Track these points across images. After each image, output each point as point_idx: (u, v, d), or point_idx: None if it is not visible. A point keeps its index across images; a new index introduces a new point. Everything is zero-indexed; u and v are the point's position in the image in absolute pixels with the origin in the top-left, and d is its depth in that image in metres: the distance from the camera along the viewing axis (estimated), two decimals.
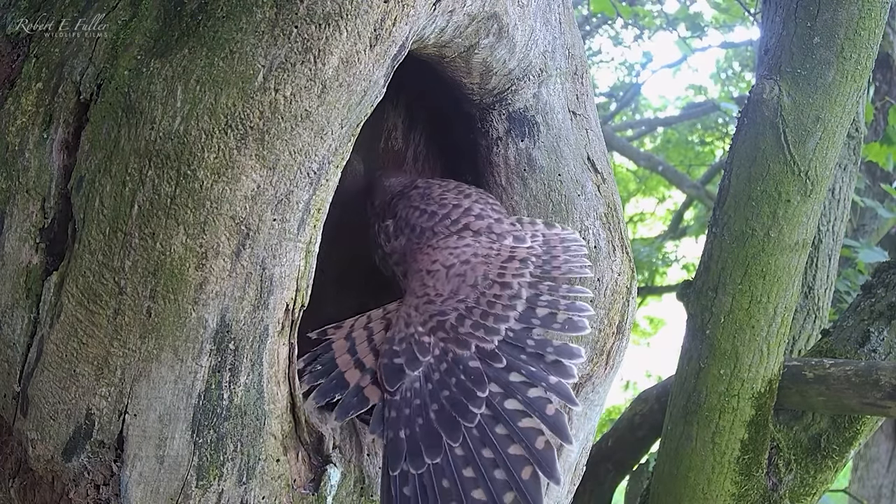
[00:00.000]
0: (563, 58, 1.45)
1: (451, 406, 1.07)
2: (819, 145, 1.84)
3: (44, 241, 1.05)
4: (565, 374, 1.10)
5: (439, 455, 1.04)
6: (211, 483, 1.08)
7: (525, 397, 1.08)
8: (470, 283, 1.20)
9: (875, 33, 1.81)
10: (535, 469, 1.02)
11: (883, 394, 1.89)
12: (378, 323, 1.23)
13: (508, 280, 1.20)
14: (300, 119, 1.02)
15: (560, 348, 1.12)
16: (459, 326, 1.14)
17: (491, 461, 1.04)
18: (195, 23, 1.02)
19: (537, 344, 1.13)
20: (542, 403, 1.07)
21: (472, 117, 1.47)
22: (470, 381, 1.09)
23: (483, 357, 1.11)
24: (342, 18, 1.01)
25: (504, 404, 1.07)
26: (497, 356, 1.11)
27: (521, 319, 1.15)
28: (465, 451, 1.04)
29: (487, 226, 1.30)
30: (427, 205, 1.36)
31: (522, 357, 1.11)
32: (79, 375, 1.04)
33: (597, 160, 1.47)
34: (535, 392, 1.08)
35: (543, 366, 1.11)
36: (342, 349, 1.19)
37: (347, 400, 1.12)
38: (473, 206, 1.34)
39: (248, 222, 1.03)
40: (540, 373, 1.10)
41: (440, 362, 1.11)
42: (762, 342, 1.93)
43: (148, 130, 1.00)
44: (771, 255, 1.89)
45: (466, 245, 1.26)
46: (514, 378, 1.09)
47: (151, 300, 1.01)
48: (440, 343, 1.13)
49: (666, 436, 2.11)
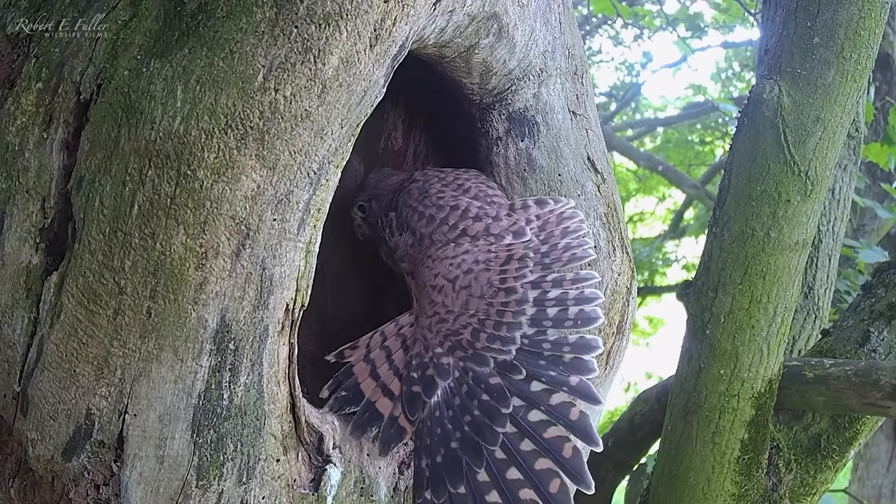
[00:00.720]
0: (563, 58, 1.45)
1: (475, 431, 1.07)
2: (819, 145, 1.84)
3: (44, 241, 1.05)
4: (586, 371, 1.10)
5: (462, 482, 1.05)
6: (211, 483, 1.08)
7: (548, 406, 1.07)
8: (477, 295, 1.19)
9: (875, 33, 1.81)
10: (562, 481, 1.02)
11: (883, 394, 1.89)
12: (394, 340, 1.23)
13: (511, 284, 1.19)
14: (300, 119, 1.02)
15: (576, 344, 1.12)
16: (476, 342, 1.14)
17: (516, 482, 1.03)
18: (195, 23, 1.02)
19: (553, 345, 1.12)
20: (566, 409, 1.06)
21: (472, 117, 1.47)
22: (493, 400, 1.08)
23: (503, 371, 1.10)
24: (342, 18, 1.01)
25: (528, 417, 1.07)
26: (516, 367, 1.10)
27: (534, 323, 1.14)
28: (490, 475, 1.04)
29: (485, 227, 1.29)
30: (425, 207, 1.35)
31: (541, 363, 1.11)
32: (79, 375, 1.03)
33: (597, 160, 1.47)
34: (557, 398, 1.07)
35: (563, 367, 1.10)
36: (364, 373, 1.20)
37: (386, 433, 1.14)
38: (471, 205, 1.33)
39: (248, 222, 1.03)
40: (560, 376, 1.09)
41: (461, 384, 1.11)
42: (762, 342, 1.93)
43: (148, 130, 1.00)
44: (771, 255, 1.89)
45: (465, 252, 1.26)
46: (536, 387, 1.09)
47: (151, 300, 1.01)
48: (460, 363, 1.13)
49: (666, 436, 2.11)
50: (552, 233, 1.28)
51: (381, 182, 1.52)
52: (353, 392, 1.19)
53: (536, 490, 1.02)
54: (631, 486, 3.31)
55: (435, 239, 1.31)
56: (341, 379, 1.21)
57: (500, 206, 1.36)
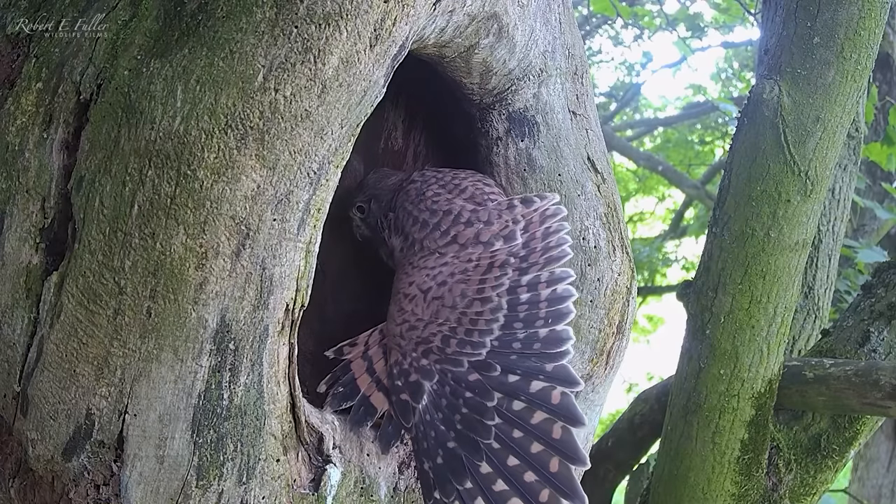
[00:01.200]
0: (563, 58, 1.45)
1: (467, 427, 1.10)
2: (819, 145, 1.84)
3: (44, 241, 1.05)
4: (559, 357, 1.12)
5: (467, 478, 1.07)
6: (211, 483, 1.08)
7: (528, 394, 1.10)
8: (449, 305, 1.21)
9: (875, 33, 1.81)
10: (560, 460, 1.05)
11: (883, 394, 1.89)
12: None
13: (488, 294, 1.20)
14: (300, 119, 1.02)
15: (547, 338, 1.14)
16: (446, 348, 1.17)
17: (517, 467, 1.06)
18: (195, 23, 1.02)
19: (524, 343, 1.14)
20: (547, 393, 1.09)
21: (472, 117, 1.46)
22: (477, 396, 1.11)
23: (478, 369, 1.13)
24: (342, 18, 1.01)
25: (512, 407, 1.09)
26: (490, 365, 1.13)
27: (505, 326, 1.17)
28: (491, 466, 1.07)
29: (475, 234, 1.30)
30: (419, 211, 1.36)
31: (513, 357, 1.13)
32: (79, 375, 1.03)
33: (597, 160, 1.47)
34: (536, 385, 1.10)
35: (535, 358, 1.13)
36: (361, 369, 1.23)
37: (384, 432, 1.19)
38: (464, 209, 1.33)
39: (248, 222, 1.03)
40: (534, 365, 1.12)
41: (443, 385, 1.14)
42: (762, 342, 1.93)
43: (148, 130, 1.00)
44: (771, 255, 1.89)
45: (444, 265, 1.27)
46: (512, 379, 1.11)
47: (151, 300, 1.01)
48: (436, 365, 1.16)
49: (666, 436, 2.11)
50: (534, 234, 1.29)
51: (381, 182, 1.52)
52: (349, 388, 1.21)
53: (537, 472, 1.05)
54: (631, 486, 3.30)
55: (425, 245, 1.32)
56: (339, 374, 1.23)
57: (495, 207, 1.36)
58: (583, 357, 1.42)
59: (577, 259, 1.39)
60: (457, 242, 1.30)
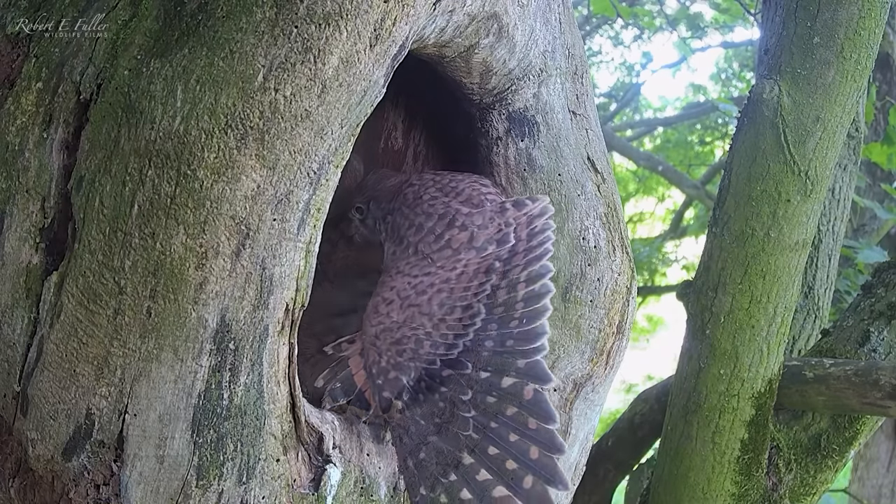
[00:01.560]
0: (563, 58, 1.45)
1: (445, 420, 1.12)
2: (819, 145, 1.84)
3: (44, 241, 1.05)
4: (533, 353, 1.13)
5: (451, 470, 1.09)
6: (211, 483, 1.08)
7: (500, 390, 1.12)
8: (425, 313, 1.22)
9: (875, 33, 1.81)
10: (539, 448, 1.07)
11: (883, 394, 1.89)
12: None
13: (469, 302, 1.22)
14: (300, 119, 1.02)
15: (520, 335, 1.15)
16: (419, 349, 1.18)
17: (498, 456, 1.08)
18: (195, 23, 1.02)
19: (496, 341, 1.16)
20: (518, 389, 1.11)
21: (472, 117, 1.46)
22: (452, 390, 1.13)
23: (450, 367, 1.15)
24: (342, 18, 1.01)
25: (486, 401, 1.12)
26: (461, 363, 1.15)
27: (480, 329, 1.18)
28: (473, 457, 1.09)
29: (469, 238, 1.30)
30: (416, 215, 1.37)
31: (485, 354, 1.15)
32: (79, 375, 1.04)
33: (597, 160, 1.47)
34: (507, 381, 1.12)
35: (508, 355, 1.14)
36: (358, 365, 1.24)
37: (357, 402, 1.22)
38: (458, 213, 1.34)
39: (248, 222, 1.03)
40: (507, 361, 1.13)
41: (419, 381, 1.16)
42: (762, 342, 1.93)
43: (148, 130, 1.00)
44: (771, 255, 1.89)
45: (427, 275, 1.28)
46: (484, 375, 1.13)
47: (151, 300, 1.01)
48: (410, 363, 1.18)
49: (666, 436, 2.11)
50: (520, 236, 1.30)
51: (380, 183, 1.52)
52: (347, 384, 1.23)
53: (517, 460, 1.07)
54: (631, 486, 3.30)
55: (419, 249, 1.32)
56: (336, 370, 1.25)
57: (489, 209, 1.36)
58: (583, 357, 1.42)
59: (577, 259, 1.39)
60: (450, 247, 1.31)
